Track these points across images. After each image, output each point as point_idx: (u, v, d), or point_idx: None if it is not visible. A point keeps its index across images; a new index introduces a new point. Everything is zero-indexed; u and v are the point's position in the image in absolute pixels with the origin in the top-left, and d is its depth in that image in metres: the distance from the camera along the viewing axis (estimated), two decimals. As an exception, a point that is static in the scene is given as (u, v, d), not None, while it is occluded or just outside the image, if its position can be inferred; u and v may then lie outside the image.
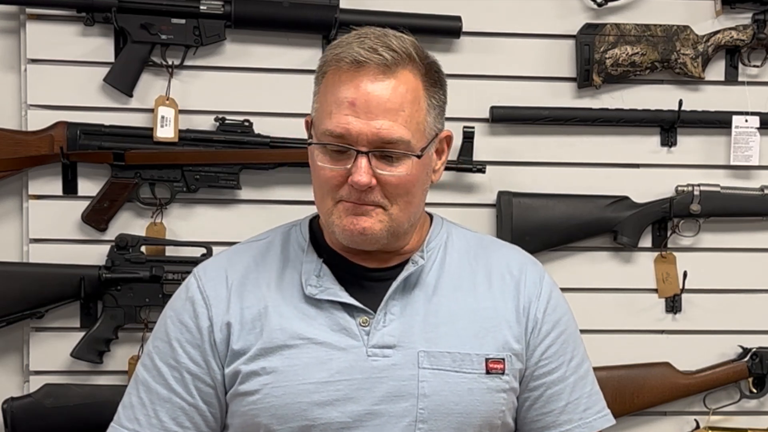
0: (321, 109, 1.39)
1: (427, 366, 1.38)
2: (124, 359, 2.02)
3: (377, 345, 1.38)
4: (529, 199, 2.07)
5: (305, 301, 1.41)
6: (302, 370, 1.37)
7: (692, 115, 2.12)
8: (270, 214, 2.05)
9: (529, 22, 2.10)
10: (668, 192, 2.14)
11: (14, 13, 2.00)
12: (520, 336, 1.44)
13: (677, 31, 2.10)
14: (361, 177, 1.33)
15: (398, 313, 1.40)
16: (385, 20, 1.99)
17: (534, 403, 1.46)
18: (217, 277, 1.46)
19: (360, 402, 1.36)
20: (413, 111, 1.35)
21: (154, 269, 1.97)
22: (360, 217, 1.36)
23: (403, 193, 1.36)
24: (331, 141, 1.35)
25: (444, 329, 1.41)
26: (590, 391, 1.50)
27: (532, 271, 1.50)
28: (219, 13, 1.99)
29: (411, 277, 1.42)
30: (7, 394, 1.97)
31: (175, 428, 1.42)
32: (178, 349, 1.43)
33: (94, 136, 1.97)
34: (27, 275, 1.96)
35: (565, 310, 1.51)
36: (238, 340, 1.40)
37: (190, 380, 1.42)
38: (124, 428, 1.44)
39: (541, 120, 2.08)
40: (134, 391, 1.45)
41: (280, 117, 2.04)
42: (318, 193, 1.41)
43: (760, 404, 2.18)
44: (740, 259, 2.17)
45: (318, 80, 1.42)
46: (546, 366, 1.45)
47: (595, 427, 1.48)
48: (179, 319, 1.45)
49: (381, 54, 1.34)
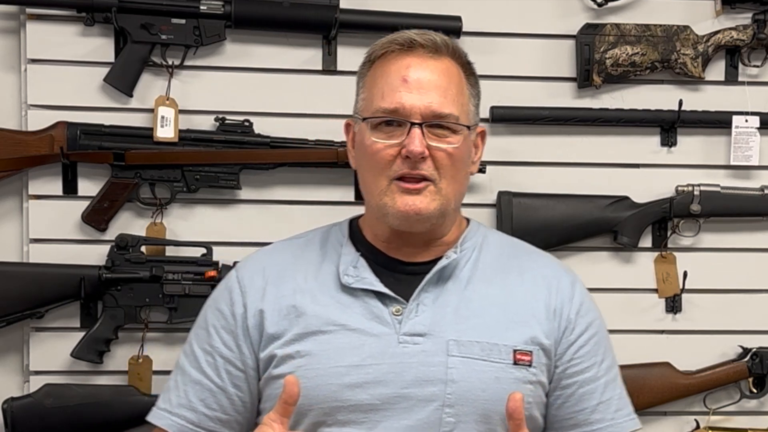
0: (371, 93, 1.46)
1: (456, 354, 1.42)
2: (124, 359, 2.02)
3: (408, 333, 1.43)
4: (529, 199, 2.07)
5: (341, 290, 1.47)
6: (335, 354, 1.42)
7: (692, 115, 2.12)
8: (270, 214, 2.05)
9: (529, 22, 2.10)
10: (668, 192, 2.14)
11: (14, 13, 2.00)
12: (550, 333, 1.47)
13: (677, 31, 2.10)
14: (415, 146, 1.39)
15: (430, 304, 1.45)
16: (386, 20, 2.01)
17: (566, 401, 1.49)
18: (254, 269, 1.53)
19: (389, 385, 1.41)
20: (458, 93, 1.45)
21: (154, 269, 1.97)
22: (414, 197, 1.41)
23: (452, 167, 1.43)
24: (385, 116, 1.42)
25: (474, 321, 1.45)
26: (620, 393, 1.54)
27: (565, 276, 1.55)
28: (219, 13, 1.99)
29: (445, 270, 1.47)
30: (7, 394, 1.97)
31: (202, 409, 1.49)
32: (214, 335, 1.50)
33: (94, 136, 1.97)
34: (27, 275, 1.96)
35: (596, 315, 1.55)
36: (272, 325, 1.46)
37: (222, 364, 1.49)
38: (158, 408, 1.52)
39: (541, 120, 2.08)
40: (173, 375, 1.55)
41: (280, 117, 2.04)
42: (370, 175, 1.46)
43: (760, 404, 2.18)
44: (740, 259, 2.17)
45: (363, 72, 1.50)
46: (578, 365, 1.49)
47: (626, 428, 1.52)
48: (216, 307, 1.52)
49: (431, 37, 1.46)
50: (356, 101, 1.51)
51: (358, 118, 1.49)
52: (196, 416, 1.49)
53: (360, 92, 1.50)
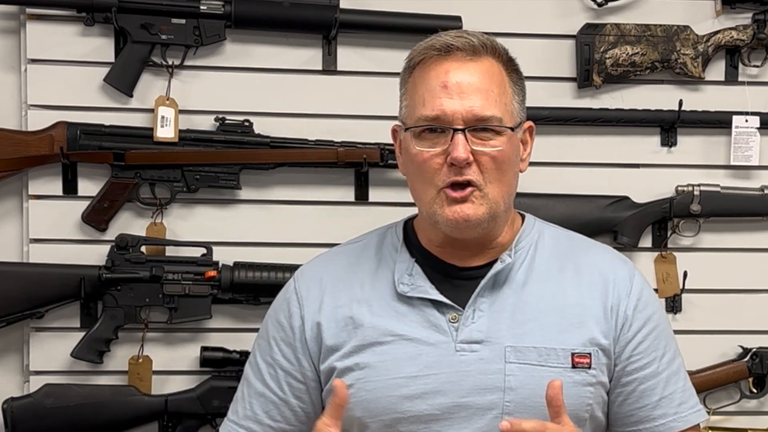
0: (412, 101, 1.45)
1: (513, 360, 1.42)
2: (124, 359, 2.02)
3: (465, 341, 1.42)
4: (529, 199, 2.06)
5: (397, 299, 1.46)
6: (393, 365, 1.43)
7: (692, 115, 2.12)
8: (270, 214, 2.05)
9: (529, 22, 2.10)
10: (668, 192, 2.14)
11: (14, 13, 2.00)
12: (608, 332, 1.46)
13: (677, 31, 2.10)
14: (459, 153, 1.38)
15: (486, 310, 1.44)
16: (386, 20, 2.01)
17: (627, 398, 1.48)
18: (312, 278, 1.53)
19: (448, 395, 1.41)
20: (501, 93, 1.43)
21: (154, 269, 1.97)
22: (462, 205, 1.40)
23: (498, 170, 1.41)
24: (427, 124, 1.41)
25: (531, 325, 1.44)
26: (683, 386, 1.52)
27: (622, 269, 1.53)
28: (219, 13, 1.99)
29: (500, 274, 1.46)
30: (7, 394, 1.97)
31: (267, 421, 1.51)
32: (274, 347, 1.51)
33: (94, 136, 1.97)
34: (27, 275, 1.95)
35: (656, 307, 1.53)
36: (331, 337, 1.47)
37: (283, 376, 1.50)
38: (228, 419, 1.54)
39: (541, 120, 2.08)
40: (240, 386, 1.56)
41: (280, 117, 2.04)
42: (418, 184, 1.45)
43: (760, 404, 2.18)
44: (740, 259, 2.17)
45: (405, 79, 1.48)
46: (638, 361, 1.47)
47: (691, 421, 1.50)
48: (276, 319, 1.53)
49: (468, 38, 1.43)
50: (400, 108, 1.49)
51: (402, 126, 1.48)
52: (261, 428, 1.51)
53: (402, 99, 1.49)
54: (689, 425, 1.49)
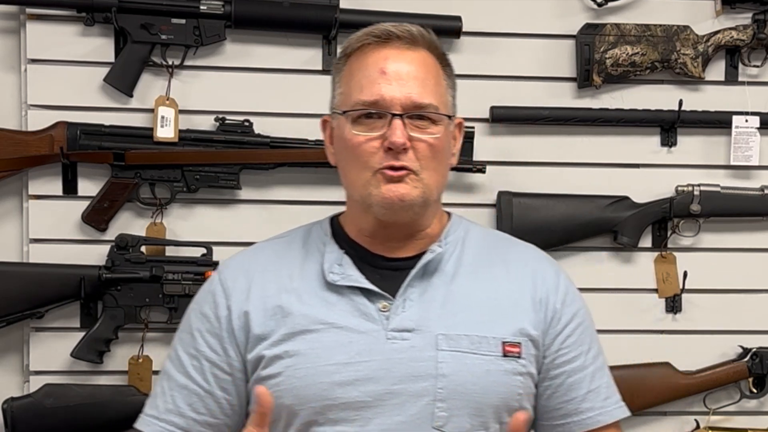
0: (348, 87, 1.45)
1: (445, 348, 1.42)
2: (124, 359, 2.02)
3: (396, 329, 1.42)
4: (529, 199, 2.07)
5: (327, 289, 1.46)
6: (323, 353, 1.42)
7: (692, 115, 2.12)
8: (270, 214, 2.05)
9: (529, 22, 2.10)
10: (668, 192, 2.14)
11: (14, 13, 2.00)
12: (537, 324, 1.47)
13: (677, 31, 2.10)
14: (397, 137, 1.39)
15: (417, 299, 1.45)
16: (385, 20, 2.00)
17: (555, 392, 1.49)
18: (237, 270, 1.52)
19: (380, 382, 1.40)
20: (436, 84, 1.45)
21: (154, 269, 1.97)
22: (398, 184, 1.41)
23: (433, 158, 1.43)
24: (365, 108, 1.41)
25: (461, 315, 1.44)
26: (608, 382, 1.53)
27: (549, 265, 1.55)
28: (219, 13, 1.99)
29: (430, 264, 1.47)
30: (7, 394, 1.97)
31: (191, 414, 1.47)
32: (199, 339, 1.48)
33: (94, 136, 1.98)
34: (27, 275, 1.96)
35: (582, 303, 1.55)
36: (259, 325, 1.45)
37: (208, 368, 1.47)
38: (145, 414, 1.50)
39: (541, 120, 2.08)
40: (159, 382, 1.52)
41: (280, 117, 2.04)
42: (352, 168, 1.45)
43: (760, 404, 2.18)
44: (740, 259, 2.17)
45: (339, 67, 1.48)
46: (566, 355, 1.49)
47: (616, 416, 1.51)
48: (200, 311, 1.50)
49: (407, 28, 1.45)
50: (333, 96, 1.49)
51: (337, 113, 1.47)
52: (185, 421, 1.47)
53: (336, 87, 1.49)
54: (614, 419, 1.51)
